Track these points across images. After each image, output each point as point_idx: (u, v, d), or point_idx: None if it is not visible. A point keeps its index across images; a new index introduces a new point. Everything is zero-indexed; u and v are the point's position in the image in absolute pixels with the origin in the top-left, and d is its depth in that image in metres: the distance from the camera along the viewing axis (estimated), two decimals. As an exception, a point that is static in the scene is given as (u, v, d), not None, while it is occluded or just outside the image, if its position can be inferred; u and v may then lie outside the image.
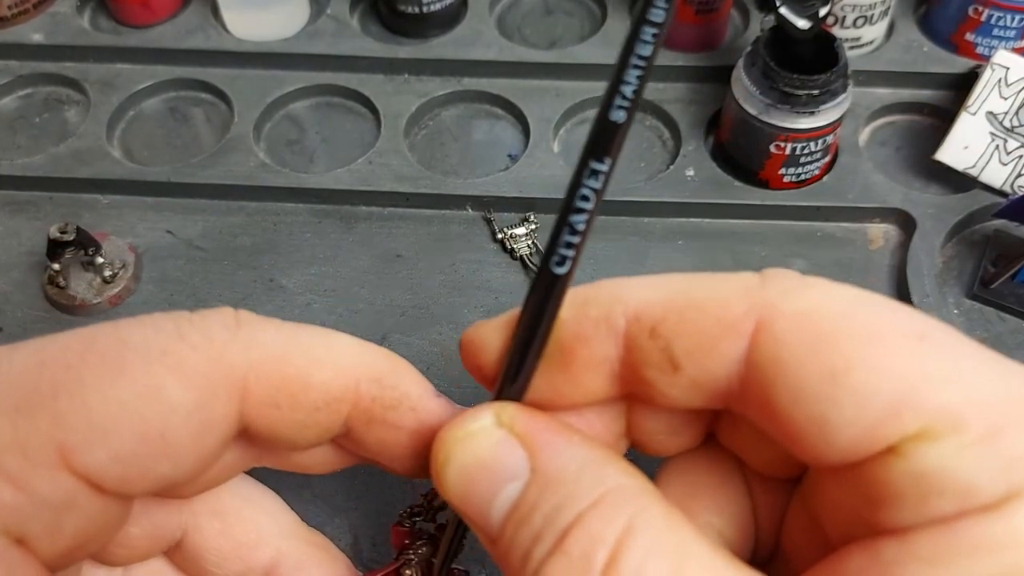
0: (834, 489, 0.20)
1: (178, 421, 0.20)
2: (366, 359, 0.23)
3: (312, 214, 0.49)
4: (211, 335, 0.21)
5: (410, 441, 0.24)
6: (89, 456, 0.20)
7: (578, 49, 0.55)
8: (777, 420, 0.19)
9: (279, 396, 0.22)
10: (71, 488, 0.20)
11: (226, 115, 0.54)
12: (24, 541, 0.20)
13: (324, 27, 0.57)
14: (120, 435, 0.20)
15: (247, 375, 0.21)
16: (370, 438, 0.24)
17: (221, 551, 0.26)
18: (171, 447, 0.21)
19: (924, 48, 0.54)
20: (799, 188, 0.48)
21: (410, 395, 0.24)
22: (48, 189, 0.50)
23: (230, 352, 0.21)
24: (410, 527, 0.30)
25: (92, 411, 0.20)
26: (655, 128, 0.53)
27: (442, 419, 0.24)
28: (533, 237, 0.47)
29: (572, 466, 0.20)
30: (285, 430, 0.22)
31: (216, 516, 0.26)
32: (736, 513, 0.24)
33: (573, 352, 0.21)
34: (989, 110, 0.47)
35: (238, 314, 0.22)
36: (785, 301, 0.19)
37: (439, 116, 0.55)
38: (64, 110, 0.55)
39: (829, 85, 0.44)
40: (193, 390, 0.21)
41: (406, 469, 0.25)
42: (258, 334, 0.22)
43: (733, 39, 0.57)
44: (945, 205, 0.47)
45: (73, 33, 0.57)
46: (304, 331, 0.23)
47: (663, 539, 0.18)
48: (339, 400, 0.23)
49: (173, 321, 0.21)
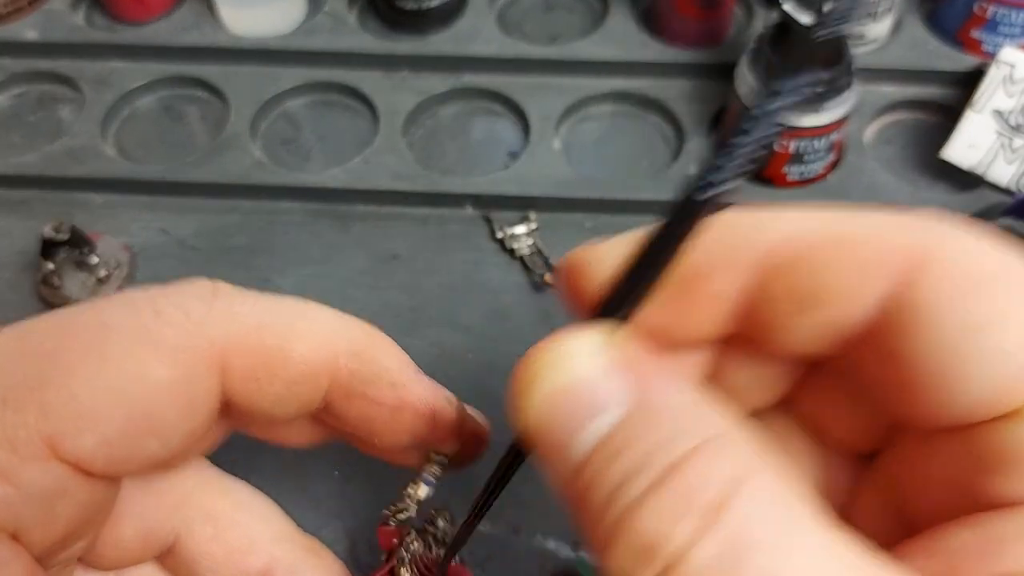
0: (933, 459, 0.19)
1: (163, 400, 0.20)
2: (345, 332, 0.23)
3: (308, 213, 0.49)
4: (188, 310, 0.21)
5: (391, 417, 0.24)
6: (78, 443, 0.20)
7: (579, 45, 0.54)
8: (903, 371, 0.18)
9: (258, 369, 0.22)
10: (61, 476, 0.20)
11: (221, 113, 0.53)
12: (18, 534, 0.20)
13: (321, 23, 0.56)
14: (107, 419, 0.20)
15: (226, 348, 0.21)
16: (350, 413, 0.24)
17: (214, 556, 0.26)
18: (158, 426, 0.21)
19: (930, 45, 0.53)
20: (804, 186, 0.48)
21: (390, 370, 0.24)
22: (41, 188, 0.50)
23: (208, 326, 0.21)
24: (396, 525, 0.29)
25: (78, 399, 0.19)
26: (657, 125, 0.53)
27: (423, 398, 0.24)
28: (533, 236, 0.46)
29: (681, 403, 0.17)
30: (265, 403, 0.22)
31: (209, 521, 0.26)
32: (805, 484, 0.23)
33: (695, 283, 0.19)
34: (995, 108, 0.46)
35: (215, 286, 0.22)
36: (942, 244, 0.18)
37: (438, 113, 0.54)
38: (58, 108, 0.54)
39: (834, 82, 0.43)
40: (175, 368, 0.20)
41: (385, 448, 0.25)
42: (235, 306, 0.22)
43: (737, 35, 0.56)
44: (951, 203, 0.47)
45: (67, 30, 0.56)
46: (282, 303, 0.23)
47: (776, 490, 0.16)
48: (318, 373, 0.23)
49: (149, 298, 0.21)
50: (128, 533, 0.24)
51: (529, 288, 0.45)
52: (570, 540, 0.36)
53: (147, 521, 0.25)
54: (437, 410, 0.25)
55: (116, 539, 0.24)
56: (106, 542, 0.24)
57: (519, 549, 0.36)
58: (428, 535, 0.29)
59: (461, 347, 0.42)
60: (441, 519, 0.30)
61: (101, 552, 0.24)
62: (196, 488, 0.26)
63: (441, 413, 0.25)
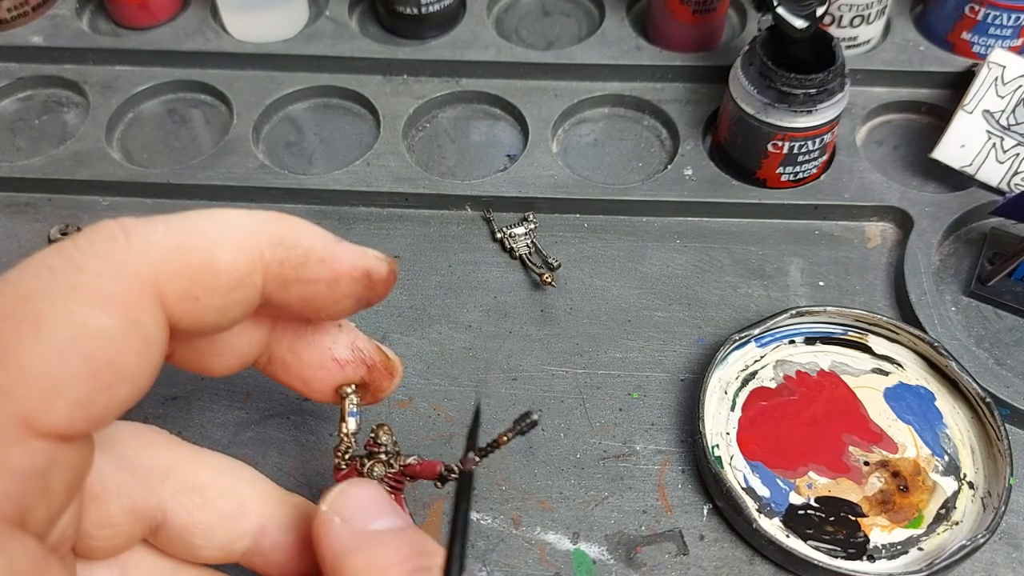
0: None
1: (118, 347, 0.20)
2: (262, 225, 0.24)
3: (311, 215, 0.49)
4: (107, 255, 0.21)
5: (329, 291, 0.25)
6: (52, 414, 0.20)
7: (575, 49, 0.55)
8: None
9: (193, 288, 0.22)
10: (46, 450, 0.20)
11: (225, 117, 0.54)
12: (24, 517, 0.20)
13: (323, 28, 0.57)
14: (71, 382, 0.20)
15: (157, 279, 0.21)
16: (289, 299, 0.25)
17: (206, 524, 0.26)
18: (122, 371, 0.21)
19: (921, 47, 0.54)
20: (797, 187, 0.49)
21: (315, 248, 0.25)
22: (47, 191, 0.50)
23: (133, 264, 0.21)
24: (348, 465, 0.31)
25: (33, 372, 0.19)
26: (653, 128, 0.54)
27: (354, 263, 0.25)
28: (532, 236, 0.47)
29: None
30: (209, 317, 0.23)
31: (195, 491, 0.26)
32: None
33: None
34: (986, 108, 0.47)
35: (121, 223, 0.22)
36: None
37: (437, 117, 0.55)
38: (63, 112, 0.55)
39: (826, 84, 0.44)
40: (116, 313, 0.20)
41: (331, 316, 0.27)
42: (150, 236, 0.22)
43: (730, 39, 0.57)
44: (942, 203, 0.47)
45: (72, 35, 0.57)
46: (191, 218, 0.23)
47: None
48: (250, 273, 0.23)
49: (62, 255, 0.21)
50: (114, 510, 0.24)
51: (528, 287, 0.46)
52: (570, 533, 0.37)
53: (132, 495, 0.25)
54: (370, 268, 0.26)
55: (104, 518, 0.24)
56: (95, 523, 0.24)
57: (518, 542, 0.37)
58: (380, 454, 0.31)
59: (462, 346, 0.43)
60: (382, 434, 0.31)
61: (92, 534, 0.24)
62: (176, 463, 0.27)
63: (374, 269, 0.26)
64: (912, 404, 0.40)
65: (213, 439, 0.40)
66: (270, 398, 0.41)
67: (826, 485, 0.38)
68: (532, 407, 0.32)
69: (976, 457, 0.39)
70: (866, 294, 0.45)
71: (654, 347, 0.43)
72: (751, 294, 0.45)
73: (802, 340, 0.42)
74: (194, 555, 0.27)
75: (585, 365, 0.42)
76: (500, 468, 0.39)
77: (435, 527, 0.37)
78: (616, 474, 0.39)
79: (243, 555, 0.27)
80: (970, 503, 0.37)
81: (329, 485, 0.27)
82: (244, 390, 0.41)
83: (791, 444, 0.39)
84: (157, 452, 0.27)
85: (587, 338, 0.44)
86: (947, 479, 0.38)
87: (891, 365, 0.42)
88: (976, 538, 0.34)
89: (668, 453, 0.40)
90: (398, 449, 0.31)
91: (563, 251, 0.47)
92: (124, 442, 0.26)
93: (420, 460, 0.31)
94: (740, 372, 0.41)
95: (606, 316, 0.44)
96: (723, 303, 0.45)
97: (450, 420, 0.41)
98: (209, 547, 0.27)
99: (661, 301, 0.45)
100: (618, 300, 0.45)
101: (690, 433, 0.40)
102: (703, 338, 0.44)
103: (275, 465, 0.39)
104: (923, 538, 0.36)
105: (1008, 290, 0.44)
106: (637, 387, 0.42)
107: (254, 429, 0.40)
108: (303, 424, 0.40)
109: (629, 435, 0.40)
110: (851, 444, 0.39)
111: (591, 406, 0.41)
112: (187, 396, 0.41)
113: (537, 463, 0.39)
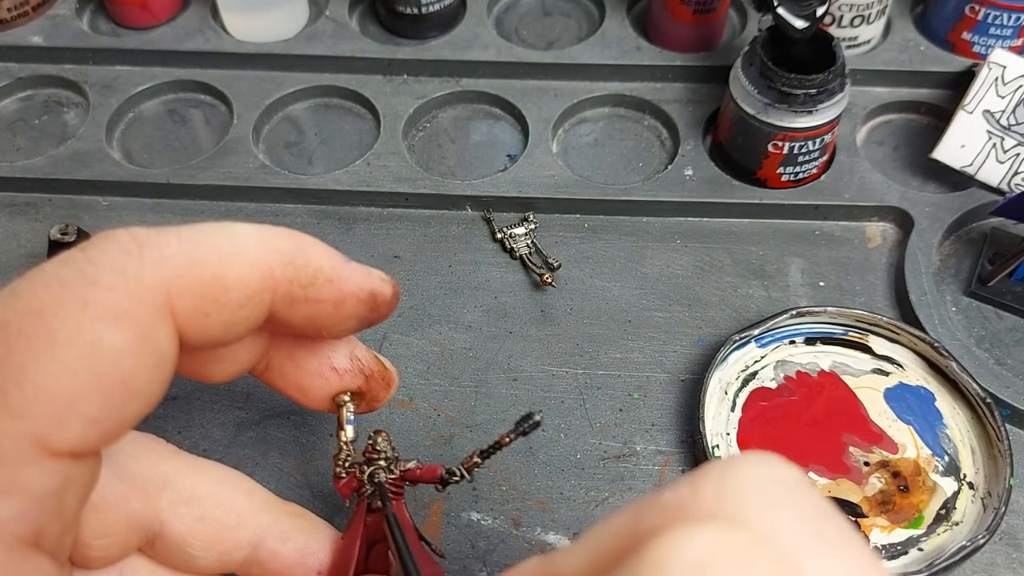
0: None
1: (131, 363, 0.20)
2: (273, 244, 0.24)
3: (311, 215, 0.49)
4: (120, 268, 0.21)
5: (334, 311, 0.25)
6: (66, 433, 0.19)
7: (576, 50, 0.55)
8: None
9: (204, 304, 0.22)
10: (61, 468, 0.20)
11: (225, 117, 0.54)
12: (40, 537, 0.20)
13: (323, 28, 0.57)
14: (84, 400, 0.20)
15: (169, 294, 0.21)
16: (295, 317, 0.25)
17: (204, 535, 0.26)
18: (134, 388, 0.21)
19: (921, 47, 0.54)
20: (797, 187, 0.49)
21: (323, 268, 0.25)
22: (48, 191, 0.50)
23: (146, 279, 0.21)
24: (348, 473, 0.31)
25: (47, 392, 0.19)
26: (653, 128, 0.54)
27: (360, 284, 0.25)
28: (532, 236, 0.47)
29: None
30: (216, 332, 0.23)
31: (192, 503, 0.26)
32: None
33: None
34: (986, 108, 0.47)
35: (133, 235, 0.21)
36: None
37: (438, 117, 0.55)
38: (63, 112, 0.55)
39: (827, 84, 0.44)
40: (129, 329, 0.20)
41: (333, 335, 0.27)
42: (163, 249, 0.21)
43: (731, 39, 0.57)
44: (942, 203, 0.47)
45: (72, 35, 0.57)
46: (205, 231, 0.23)
47: None
48: (260, 291, 0.23)
49: (74, 268, 0.20)
50: (113, 519, 0.25)
51: (529, 288, 0.46)
52: (570, 534, 0.37)
53: (131, 505, 0.25)
54: (375, 290, 0.26)
55: (102, 527, 0.24)
56: (93, 532, 0.24)
57: (519, 542, 0.37)
58: (379, 460, 0.31)
59: (462, 346, 0.43)
60: (380, 440, 0.31)
61: (90, 543, 0.24)
62: (174, 473, 0.27)
63: (379, 291, 0.26)
64: (912, 404, 0.40)
65: (213, 439, 0.40)
66: (271, 398, 0.41)
67: (826, 485, 0.38)
68: (533, 408, 0.32)
69: (976, 458, 0.39)
70: (866, 294, 0.45)
71: (654, 347, 0.43)
72: (751, 294, 0.45)
73: (802, 340, 0.43)
74: (191, 566, 0.27)
75: (585, 365, 0.42)
76: (500, 468, 0.39)
77: (435, 527, 0.37)
78: (616, 475, 0.39)
79: (240, 565, 0.27)
80: (970, 504, 0.37)
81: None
82: (244, 390, 0.42)
83: (791, 444, 0.39)
84: (156, 462, 0.27)
85: (587, 338, 0.44)
86: (947, 480, 0.38)
87: (891, 365, 0.42)
88: (976, 539, 0.35)
89: (668, 454, 0.40)
90: (397, 454, 0.31)
91: (563, 251, 0.47)
92: (123, 451, 0.26)
93: (420, 465, 0.31)
94: (740, 372, 0.41)
95: (606, 316, 0.44)
96: (723, 303, 0.45)
97: (450, 420, 0.41)
98: (206, 558, 0.27)
99: (661, 301, 0.45)
100: (618, 300, 0.45)
101: (690, 433, 0.40)
102: (703, 338, 0.44)
103: (275, 466, 0.39)
104: (923, 539, 0.36)
105: (1008, 290, 0.44)
106: (637, 387, 0.42)
107: (254, 429, 0.40)
108: (303, 424, 0.40)
109: (629, 436, 0.40)
110: (851, 444, 0.39)
111: (591, 406, 0.41)
112: (187, 396, 0.41)
113: (537, 464, 0.39)
